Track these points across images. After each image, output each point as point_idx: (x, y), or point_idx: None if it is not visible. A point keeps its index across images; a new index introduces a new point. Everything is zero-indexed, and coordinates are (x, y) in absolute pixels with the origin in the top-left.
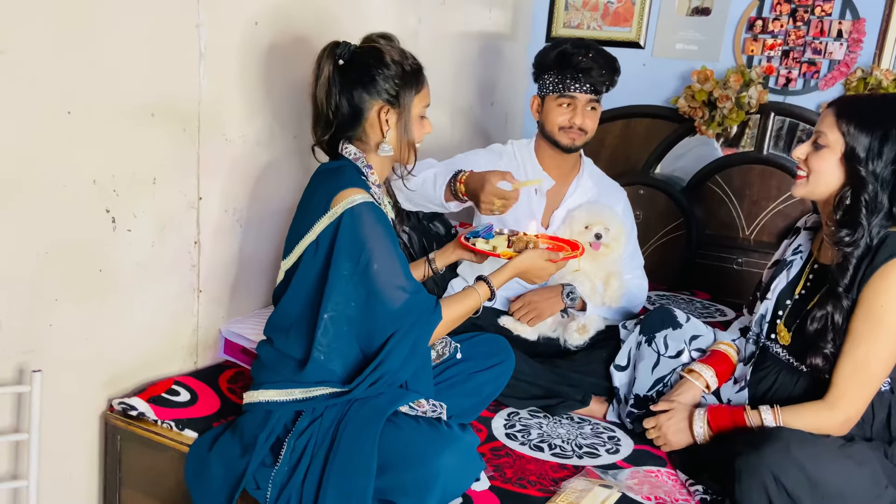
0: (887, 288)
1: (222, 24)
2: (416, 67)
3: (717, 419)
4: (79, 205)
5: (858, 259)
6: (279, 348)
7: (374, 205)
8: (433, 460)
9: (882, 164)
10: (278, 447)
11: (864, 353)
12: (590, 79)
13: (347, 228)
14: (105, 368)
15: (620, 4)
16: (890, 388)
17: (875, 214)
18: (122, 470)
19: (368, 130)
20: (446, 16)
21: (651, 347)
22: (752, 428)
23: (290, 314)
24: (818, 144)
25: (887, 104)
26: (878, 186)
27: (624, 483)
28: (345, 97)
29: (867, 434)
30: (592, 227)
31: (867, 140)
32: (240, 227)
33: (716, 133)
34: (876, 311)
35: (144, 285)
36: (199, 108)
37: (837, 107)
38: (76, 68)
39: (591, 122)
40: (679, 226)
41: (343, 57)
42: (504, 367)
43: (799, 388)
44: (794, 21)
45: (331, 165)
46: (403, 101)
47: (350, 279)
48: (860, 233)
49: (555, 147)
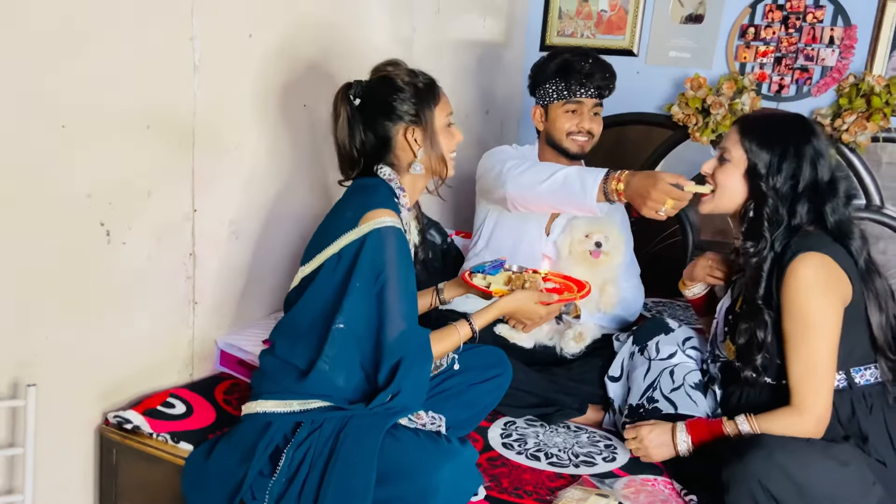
0: (798, 285)
1: (216, 37)
2: (429, 82)
3: (696, 432)
4: (73, 218)
5: (769, 271)
6: (282, 356)
7: (400, 231)
8: (433, 474)
9: (781, 179)
10: (276, 457)
11: (805, 354)
12: (594, 83)
13: (370, 249)
14: (100, 381)
15: (614, 13)
16: (847, 384)
17: (776, 227)
18: (117, 483)
19: (400, 154)
20: (441, 24)
21: (643, 356)
22: (731, 437)
23: (301, 322)
24: (723, 159)
25: (788, 123)
26: (777, 201)
27: (620, 492)
28: (370, 131)
29: (840, 433)
30: (593, 236)
31: (767, 157)
32: (235, 239)
33: (710, 140)
34: (797, 311)
35: (140, 298)
36: (194, 120)
37: (741, 124)
38: (71, 81)
39: (598, 125)
40: (675, 232)
41: (357, 95)
42: (502, 379)
43: (764, 396)
44: (787, 28)
45: (367, 182)
46: (424, 116)
47: (364, 297)
48: (762, 244)
49: (562, 154)
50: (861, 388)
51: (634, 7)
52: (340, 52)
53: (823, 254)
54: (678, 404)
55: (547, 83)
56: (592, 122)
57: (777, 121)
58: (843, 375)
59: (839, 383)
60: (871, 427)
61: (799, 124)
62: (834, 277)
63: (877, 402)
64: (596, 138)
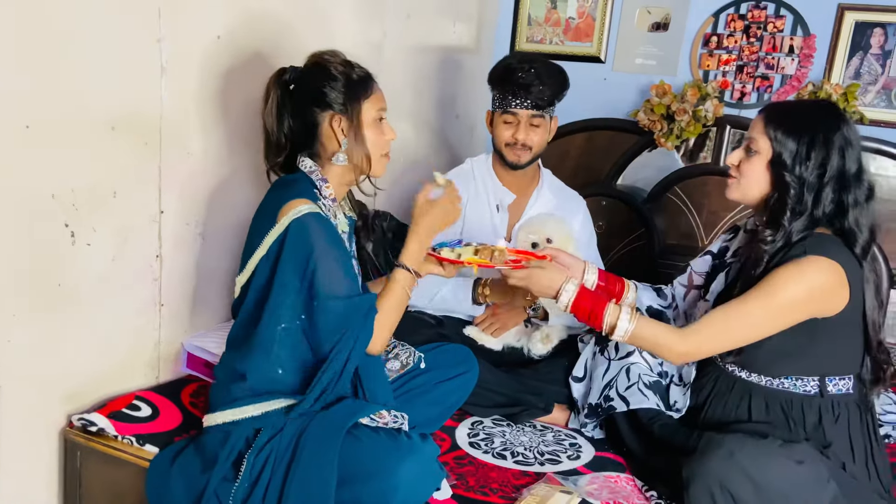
0: (794, 275)
1: (184, 39)
2: (364, 74)
3: (581, 297)
4: (37, 219)
5: (772, 254)
6: (233, 365)
7: (319, 215)
8: (393, 471)
9: (808, 168)
10: (239, 462)
11: (739, 310)
12: (529, 95)
13: (292, 239)
14: (64, 384)
15: (581, 20)
16: (819, 391)
17: (798, 217)
18: (82, 486)
19: (325, 143)
20: (411, 30)
21: (604, 356)
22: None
23: (246, 330)
24: (750, 150)
25: (814, 109)
26: (803, 190)
27: (584, 488)
28: (298, 117)
29: (801, 436)
30: (530, 238)
31: (794, 145)
32: (202, 241)
33: (675, 145)
34: (772, 284)
35: (105, 300)
36: (161, 122)
37: (766, 113)
38: (35, 82)
39: (537, 136)
40: (640, 236)
41: (291, 80)
42: (468, 376)
43: (735, 394)
44: (748, 37)
45: (286, 178)
46: (353, 107)
47: (299, 291)
48: (781, 233)
49: (504, 164)
50: (831, 396)
51: (602, 15)
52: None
53: (836, 262)
54: (630, 401)
55: (494, 89)
56: (530, 134)
57: (805, 108)
58: (816, 382)
59: (810, 389)
60: (835, 435)
61: (828, 111)
62: (829, 290)
63: (843, 413)
64: (536, 150)
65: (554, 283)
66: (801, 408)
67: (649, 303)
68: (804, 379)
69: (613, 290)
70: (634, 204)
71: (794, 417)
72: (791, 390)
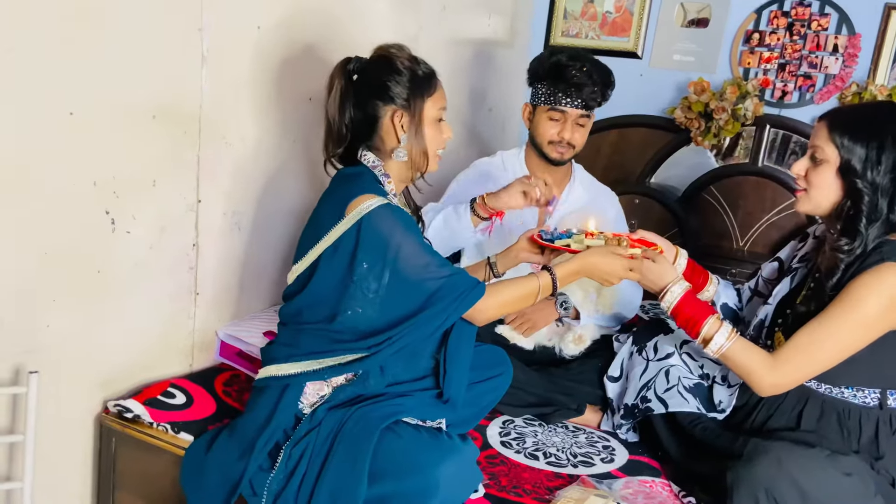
0: (874, 284)
1: (225, 29)
2: (429, 72)
3: (685, 302)
4: (78, 206)
5: (848, 263)
6: (301, 320)
7: (390, 204)
8: (433, 470)
9: (880, 173)
10: (276, 453)
11: (826, 330)
12: (581, 95)
13: (368, 233)
14: (101, 370)
15: (619, 14)
16: (879, 403)
17: (874, 223)
18: (116, 472)
19: (385, 137)
20: (446, 23)
21: (641, 356)
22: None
23: (307, 315)
24: (815, 159)
25: (878, 111)
26: (877, 196)
27: (618, 493)
28: (360, 109)
29: (853, 447)
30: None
31: (863, 151)
32: (238, 231)
33: (712, 144)
34: (855, 298)
35: (142, 287)
36: (201, 112)
37: (830, 119)
38: (80, 69)
39: (580, 136)
40: (674, 235)
41: (355, 71)
42: (503, 378)
43: (790, 399)
44: (791, 35)
45: (349, 171)
46: (415, 104)
47: (377, 276)
48: (859, 240)
49: (543, 159)
50: (891, 409)
51: (640, 9)
52: (347, 47)
53: None
54: (669, 403)
55: (539, 83)
56: (575, 133)
57: (868, 111)
58: (878, 394)
59: (870, 401)
60: (889, 448)
61: (892, 112)
62: None
63: None
64: (578, 148)
65: (661, 280)
66: (859, 419)
67: (726, 300)
68: (865, 390)
69: (697, 282)
70: (668, 203)
71: (850, 428)
72: (850, 400)
